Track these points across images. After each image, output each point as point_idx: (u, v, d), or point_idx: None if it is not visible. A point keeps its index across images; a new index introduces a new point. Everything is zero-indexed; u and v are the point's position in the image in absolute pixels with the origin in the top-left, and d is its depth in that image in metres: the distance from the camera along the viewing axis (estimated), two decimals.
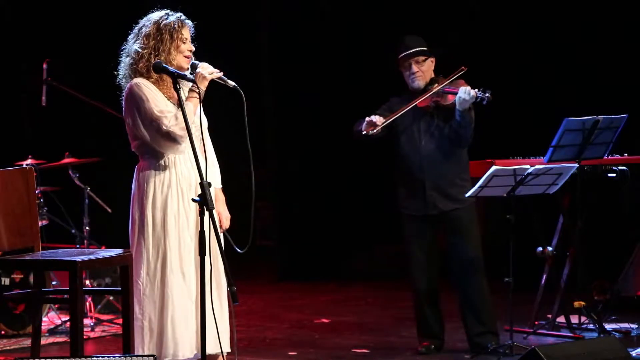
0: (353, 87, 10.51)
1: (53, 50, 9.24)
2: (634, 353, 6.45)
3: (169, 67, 5.25)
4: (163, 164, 5.48)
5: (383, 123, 6.82)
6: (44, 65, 8.07)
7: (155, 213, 5.46)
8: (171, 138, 5.39)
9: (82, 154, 8.46)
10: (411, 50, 6.93)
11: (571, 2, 9.78)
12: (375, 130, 6.81)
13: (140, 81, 5.44)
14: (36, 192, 5.94)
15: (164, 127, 5.36)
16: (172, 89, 5.30)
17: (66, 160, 8.25)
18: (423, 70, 6.94)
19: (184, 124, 5.13)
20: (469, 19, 10.23)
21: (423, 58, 6.94)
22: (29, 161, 8.08)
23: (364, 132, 6.82)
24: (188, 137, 5.04)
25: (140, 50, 5.46)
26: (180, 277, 5.42)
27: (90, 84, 8.80)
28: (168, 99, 5.44)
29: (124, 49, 5.59)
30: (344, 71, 10.88)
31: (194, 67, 5.49)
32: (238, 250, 5.15)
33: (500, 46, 10.01)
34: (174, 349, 5.37)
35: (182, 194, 5.47)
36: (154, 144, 5.44)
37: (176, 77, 5.18)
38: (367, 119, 6.83)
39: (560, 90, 9.72)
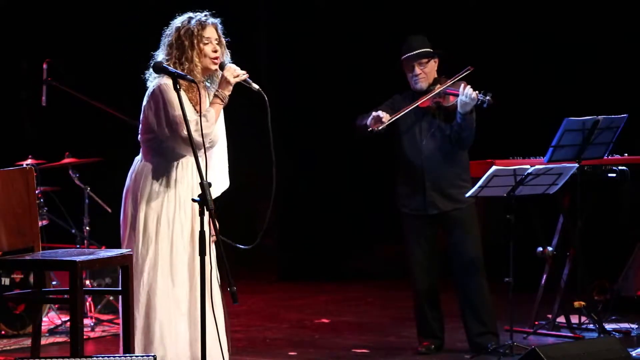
0: (353, 86, 10.51)
1: (53, 50, 9.23)
2: (634, 353, 6.44)
3: (169, 68, 5.20)
4: (167, 165, 5.39)
5: (389, 120, 6.82)
6: (44, 65, 8.06)
7: (148, 212, 5.38)
8: (188, 143, 5.21)
9: (82, 154, 8.45)
10: (413, 53, 6.90)
11: (571, 2, 9.78)
12: (381, 127, 6.81)
13: (170, 84, 5.25)
14: (36, 192, 5.93)
15: (184, 133, 5.21)
16: (200, 95, 5.27)
17: (66, 160, 8.24)
18: (426, 72, 6.91)
19: (200, 131, 5.08)
20: (468, 19, 10.23)
21: (426, 60, 6.91)
22: (29, 161, 8.07)
23: (370, 129, 6.81)
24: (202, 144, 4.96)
25: (164, 62, 5.33)
26: (170, 284, 5.35)
27: (90, 84, 8.81)
28: (195, 105, 5.34)
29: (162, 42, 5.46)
30: (344, 70, 10.87)
31: (222, 67, 5.40)
32: (241, 247, 5.06)
33: (500, 46, 10.01)
34: (162, 353, 5.30)
35: (179, 200, 5.39)
36: (172, 144, 5.33)
37: (176, 77, 5.13)
38: (373, 113, 6.81)
39: (560, 90, 9.72)
